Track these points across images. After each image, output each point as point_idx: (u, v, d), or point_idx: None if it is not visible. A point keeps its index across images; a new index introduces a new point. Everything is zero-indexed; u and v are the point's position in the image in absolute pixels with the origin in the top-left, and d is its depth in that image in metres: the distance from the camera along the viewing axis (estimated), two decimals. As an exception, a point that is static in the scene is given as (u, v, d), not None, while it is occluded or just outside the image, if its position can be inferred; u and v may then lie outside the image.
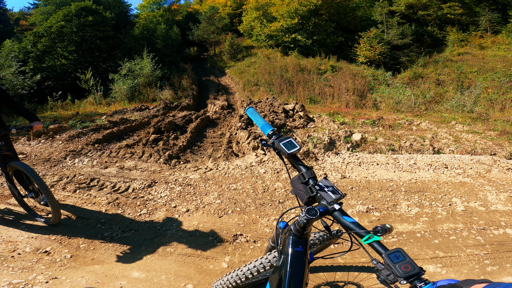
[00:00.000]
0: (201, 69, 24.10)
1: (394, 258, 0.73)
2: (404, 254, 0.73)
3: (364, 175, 4.40)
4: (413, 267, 0.70)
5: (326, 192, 0.96)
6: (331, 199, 0.94)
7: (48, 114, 9.89)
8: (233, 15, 33.83)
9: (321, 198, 0.96)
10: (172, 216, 3.21)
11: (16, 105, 3.02)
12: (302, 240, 0.95)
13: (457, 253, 2.64)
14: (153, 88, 14.51)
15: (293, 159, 1.13)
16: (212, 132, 7.49)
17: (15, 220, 3.04)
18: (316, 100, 13.54)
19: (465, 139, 6.67)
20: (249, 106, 1.43)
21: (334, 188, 0.98)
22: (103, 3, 25.18)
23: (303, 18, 20.06)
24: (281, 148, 1.13)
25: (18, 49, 16.66)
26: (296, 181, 1.07)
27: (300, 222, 0.92)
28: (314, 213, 0.88)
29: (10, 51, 14.14)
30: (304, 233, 0.95)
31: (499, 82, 12.95)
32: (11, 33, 28.77)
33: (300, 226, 0.93)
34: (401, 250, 0.74)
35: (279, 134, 1.21)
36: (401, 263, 0.71)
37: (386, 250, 0.76)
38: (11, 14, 40.20)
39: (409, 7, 20.33)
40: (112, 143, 5.92)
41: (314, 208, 0.90)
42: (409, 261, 0.72)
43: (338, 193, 0.96)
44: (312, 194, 0.99)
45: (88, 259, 2.51)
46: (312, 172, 1.05)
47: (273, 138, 1.20)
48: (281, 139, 1.16)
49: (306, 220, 0.90)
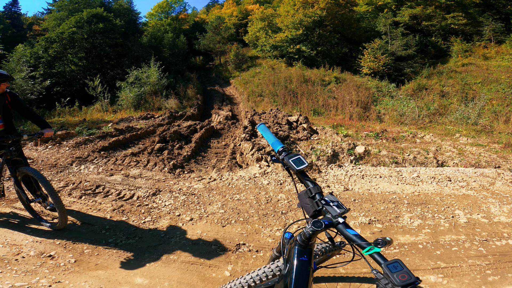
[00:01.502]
0: (206, 78, 24.42)
1: (392, 268, 0.78)
2: (402, 265, 0.78)
3: (367, 188, 4.41)
4: (410, 276, 0.75)
5: (331, 207, 1.03)
6: (336, 213, 1.00)
7: (55, 120, 10.08)
8: (238, 25, 34.48)
9: (326, 212, 1.03)
10: (176, 224, 3.25)
11: (28, 111, 3.11)
12: (307, 250, 1.01)
13: (459, 264, 2.64)
14: (159, 97, 14.72)
15: (301, 175, 1.20)
16: (217, 142, 7.57)
17: (20, 224, 3.10)
18: (320, 112, 13.63)
19: (469, 152, 6.65)
20: (261, 123, 1.52)
21: (339, 203, 1.05)
22: (114, 10, 25.83)
23: (307, 29, 20.38)
24: (290, 164, 1.20)
25: (29, 54, 16.88)
26: (303, 195, 1.14)
27: (306, 233, 0.98)
28: (319, 225, 0.95)
29: (22, 56, 14.31)
30: (309, 244, 1.02)
31: (504, 94, 12.92)
32: (24, 37, 29.32)
33: (305, 237, 0.99)
34: (399, 261, 0.79)
35: (289, 151, 1.29)
36: (399, 272, 0.76)
37: (386, 261, 0.81)
38: (24, 19, 40.85)
39: (413, 17, 20.58)
40: (118, 151, 6.03)
41: (319, 221, 0.96)
42: (406, 271, 0.76)
43: (343, 207, 1.03)
44: (318, 208, 1.06)
45: (92, 264, 2.55)
46: (318, 187, 1.12)
47: (283, 155, 1.27)
48: (291, 156, 1.23)
49: (312, 232, 0.96)
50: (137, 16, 32.33)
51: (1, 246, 2.70)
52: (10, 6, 37.61)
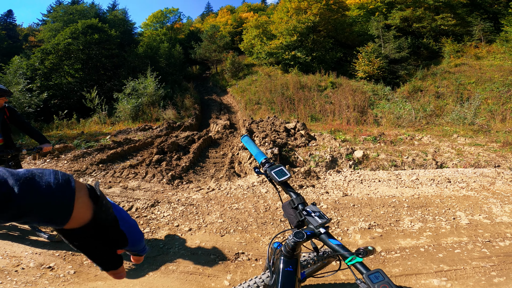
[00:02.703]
0: (203, 87, 24.52)
1: (374, 278, 0.78)
2: (383, 275, 0.78)
3: (366, 192, 4.40)
4: (391, 286, 0.75)
5: (313, 217, 1.03)
6: (317, 223, 1.00)
7: (53, 133, 10.07)
8: (233, 33, 34.86)
9: (309, 222, 1.03)
10: (175, 234, 3.22)
11: (27, 126, 3.11)
12: (292, 260, 1.02)
13: (462, 266, 2.61)
14: (157, 108, 14.74)
15: (284, 186, 1.21)
16: (215, 152, 7.55)
17: (19, 236, 3.08)
18: (317, 118, 13.68)
19: (468, 152, 6.66)
20: (244, 135, 1.52)
21: (321, 213, 1.05)
22: (109, 21, 26.00)
23: (301, 35, 20.63)
24: (273, 176, 1.20)
25: (26, 66, 16.72)
26: (287, 206, 1.14)
27: (289, 244, 0.99)
28: (301, 236, 0.96)
29: (19, 68, 14.16)
30: (294, 254, 1.02)
31: (498, 92, 13.03)
32: (20, 49, 29.25)
33: (289, 248, 1.00)
34: (380, 271, 0.79)
35: (272, 163, 1.28)
36: (380, 283, 0.76)
37: (368, 271, 0.81)
38: (20, 30, 40.89)
39: (403, 20, 20.89)
40: (116, 163, 6.00)
41: (301, 231, 0.97)
42: (387, 281, 0.76)
43: (324, 217, 1.03)
44: (301, 219, 1.06)
45: (91, 275, 2.53)
46: (301, 198, 1.13)
47: (265, 166, 1.27)
48: (273, 167, 1.23)
49: (294, 242, 0.97)
50: (132, 26, 32.55)
51: (1, 257, 2.69)
52: (5, 17, 37.67)
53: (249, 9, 45.41)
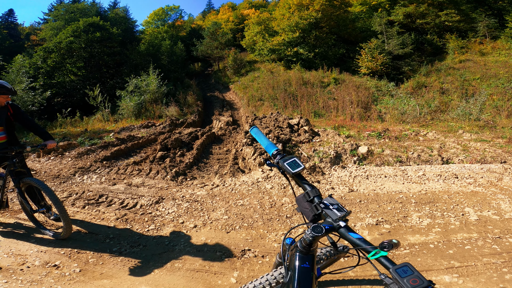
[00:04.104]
0: (206, 84, 24.46)
1: (402, 272, 0.73)
2: (412, 268, 0.73)
3: (372, 188, 4.35)
4: (422, 281, 0.70)
5: (331, 210, 0.98)
6: (336, 216, 0.95)
7: (57, 131, 10.09)
8: (235, 30, 34.67)
9: (327, 216, 0.98)
10: (180, 231, 3.20)
11: (31, 123, 3.10)
12: (309, 256, 0.96)
13: (473, 263, 2.57)
14: (159, 105, 14.72)
15: (298, 178, 1.15)
16: (218, 148, 7.52)
17: (24, 234, 3.07)
18: (321, 114, 13.59)
19: (474, 148, 6.59)
20: (253, 126, 1.46)
21: (339, 205, 1.00)
22: (110, 19, 25.92)
23: (304, 32, 20.44)
24: (286, 168, 1.15)
25: (28, 65, 16.74)
26: (301, 199, 1.09)
27: (306, 239, 0.94)
28: (319, 230, 0.90)
29: (21, 67, 14.18)
30: (311, 250, 0.96)
31: (503, 88, 12.87)
32: (22, 47, 29.29)
33: (306, 243, 0.94)
34: (409, 264, 0.74)
35: (283, 154, 1.24)
36: (409, 277, 0.71)
37: (394, 265, 0.76)
38: (21, 29, 40.71)
39: (407, 16, 20.61)
40: (120, 160, 5.99)
41: (320, 226, 0.91)
42: (417, 275, 0.71)
43: (344, 210, 0.98)
44: (318, 212, 1.01)
45: (97, 273, 2.51)
46: (317, 190, 1.08)
47: (277, 158, 1.22)
48: (285, 159, 1.18)
49: (312, 237, 0.92)
50: (133, 24, 32.41)
51: (6, 256, 2.68)
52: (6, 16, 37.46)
53: (251, 6, 45.08)
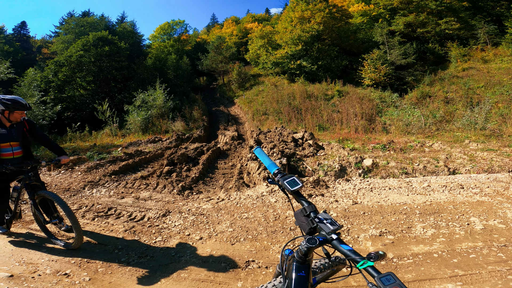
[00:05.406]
0: (211, 99, 24.81)
1: (385, 281, 0.81)
2: (394, 277, 0.81)
3: (376, 200, 4.37)
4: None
5: (325, 224, 1.09)
6: (329, 229, 1.05)
7: (67, 145, 10.35)
8: (239, 44, 35.37)
9: (321, 229, 1.08)
10: (186, 243, 3.27)
11: (45, 138, 3.26)
12: (305, 265, 1.05)
13: (478, 271, 2.57)
14: (166, 120, 14.98)
15: (296, 195, 1.26)
16: (224, 163, 7.63)
17: (36, 244, 3.18)
18: (325, 127, 13.64)
19: (480, 157, 6.55)
20: (256, 147, 1.60)
21: (332, 220, 1.10)
22: (118, 33, 26.65)
23: (306, 44, 20.78)
24: (285, 185, 1.26)
25: (40, 78, 16.97)
26: (299, 214, 1.20)
27: (302, 250, 1.03)
28: (313, 242, 1.00)
29: (33, 80, 14.42)
30: (306, 260, 1.05)
31: (508, 96, 12.76)
32: (34, 60, 30.02)
33: (302, 253, 1.04)
34: (392, 273, 0.83)
35: (284, 173, 1.36)
36: (392, 285, 0.79)
37: (379, 274, 0.84)
38: (33, 42, 41.76)
39: (407, 25, 20.80)
40: (128, 174, 6.14)
41: (314, 238, 1.01)
42: (398, 283, 0.79)
43: (336, 224, 1.08)
44: (313, 226, 1.11)
45: (105, 282, 2.58)
46: (313, 206, 1.18)
47: (278, 177, 1.34)
48: (285, 178, 1.30)
49: (307, 248, 1.01)
50: (140, 38, 33.09)
51: (18, 264, 2.77)
52: (19, 29, 38.22)
53: (254, 20, 46.18)
